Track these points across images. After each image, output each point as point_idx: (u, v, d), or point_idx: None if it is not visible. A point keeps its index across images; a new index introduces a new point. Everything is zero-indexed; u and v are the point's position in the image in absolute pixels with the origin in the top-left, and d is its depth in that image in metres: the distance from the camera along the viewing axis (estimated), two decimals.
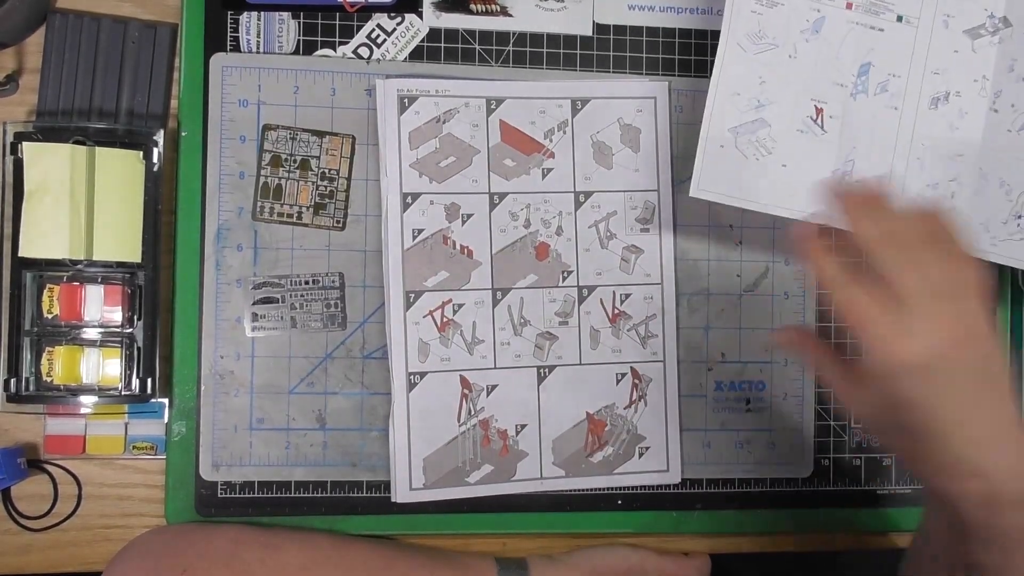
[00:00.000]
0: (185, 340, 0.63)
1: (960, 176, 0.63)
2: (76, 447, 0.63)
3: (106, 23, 0.63)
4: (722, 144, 0.60)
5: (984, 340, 0.43)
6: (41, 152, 0.59)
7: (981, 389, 0.42)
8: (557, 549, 0.67)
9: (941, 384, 0.42)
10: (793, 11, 0.60)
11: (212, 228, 0.63)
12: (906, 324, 0.42)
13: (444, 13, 0.66)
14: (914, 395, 0.43)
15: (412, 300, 0.64)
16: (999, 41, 0.62)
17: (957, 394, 0.42)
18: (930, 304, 0.42)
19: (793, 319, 0.69)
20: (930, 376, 0.42)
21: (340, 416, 0.64)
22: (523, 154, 0.65)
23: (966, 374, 0.42)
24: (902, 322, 0.42)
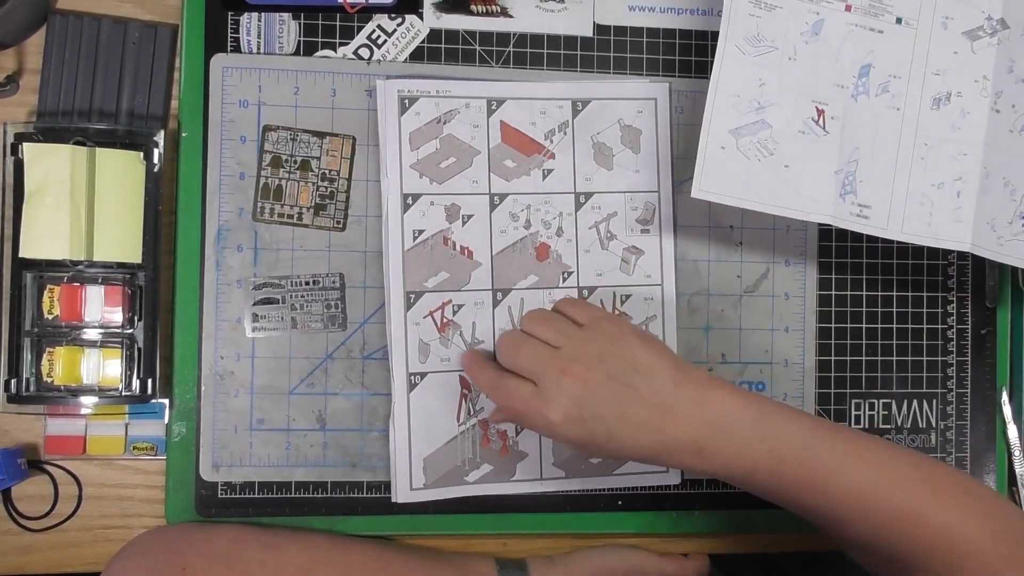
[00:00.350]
0: (185, 341, 0.63)
1: (965, 175, 0.63)
2: (76, 447, 0.63)
3: (106, 24, 0.63)
4: (723, 145, 0.60)
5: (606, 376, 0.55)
6: (41, 153, 0.59)
7: (627, 406, 0.55)
8: (557, 550, 0.67)
9: (592, 422, 0.55)
10: (791, 14, 0.60)
11: (212, 229, 0.63)
12: (547, 399, 0.55)
13: (444, 14, 0.66)
14: (581, 438, 0.55)
15: (412, 301, 0.64)
16: (998, 43, 0.62)
17: (610, 421, 0.55)
18: (555, 377, 0.55)
19: (793, 319, 0.69)
20: (582, 420, 0.55)
21: (340, 416, 0.64)
22: (523, 155, 0.65)
23: (607, 406, 0.55)
24: (546, 398, 0.55)
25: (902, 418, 0.70)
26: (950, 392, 0.71)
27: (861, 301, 0.70)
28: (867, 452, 0.55)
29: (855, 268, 0.70)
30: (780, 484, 0.55)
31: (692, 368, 0.57)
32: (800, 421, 0.56)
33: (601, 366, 0.56)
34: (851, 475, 0.54)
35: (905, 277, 0.71)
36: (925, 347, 0.71)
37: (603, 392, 0.55)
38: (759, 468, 0.54)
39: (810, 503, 0.55)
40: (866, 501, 0.54)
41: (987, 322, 0.71)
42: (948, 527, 0.53)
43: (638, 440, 0.55)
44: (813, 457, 0.54)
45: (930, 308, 0.71)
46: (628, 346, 0.57)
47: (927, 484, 0.55)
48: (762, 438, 0.54)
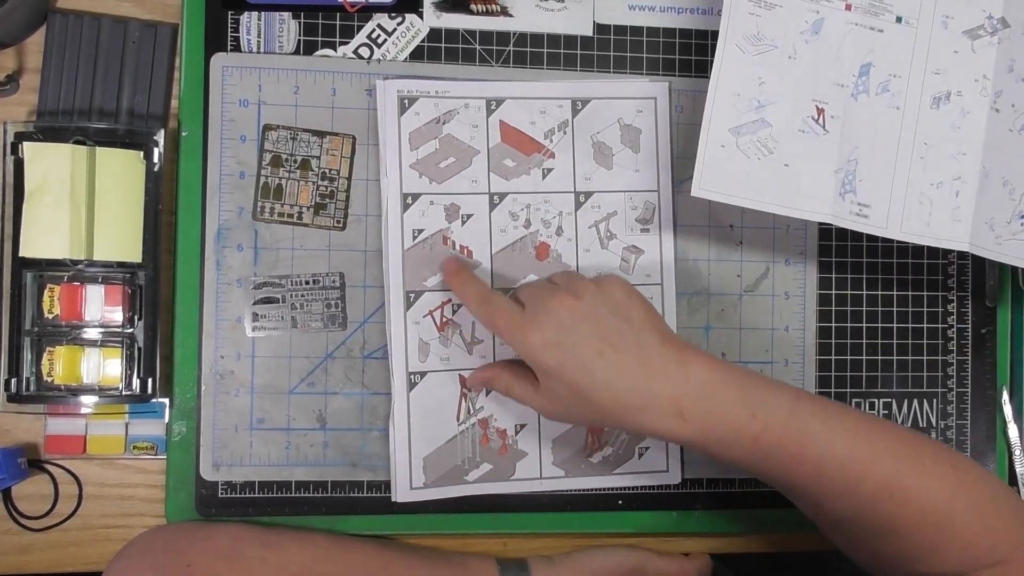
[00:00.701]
0: (185, 340, 0.63)
1: (964, 175, 0.63)
2: (77, 447, 0.63)
3: (106, 23, 0.63)
4: (723, 144, 0.60)
5: (595, 312, 0.55)
6: (41, 152, 0.59)
7: (609, 344, 0.54)
8: (557, 549, 0.67)
9: (569, 349, 0.54)
10: (791, 13, 0.60)
11: (212, 228, 0.63)
12: (532, 318, 0.55)
13: (444, 13, 0.66)
14: (553, 366, 0.54)
15: (412, 300, 0.64)
16: (998, 42, 0.62)
17: (587, 354, 0.54)
18: (546, 302, 0.56)
19: (793, 319, 0.69)
20: (560, 346, 0.54)
21: (340, 416, 0.64)
22: (523, 154, 0.65)
23: (588, 338, 0.54)
24: (530, 318, 0.56)
25: (902, 417, 0.70)
26: (950, 391, 0.71)
27: (861, 300, 0.70)
28: (852, 422, 0.55)
29: (855, 267, 0.70)
30: (763, 452, 0.54)
31: (675, 335, 0.57)
32: (784, 390, 0.55)
33: (592, 302, 0.55)
34: (836, 444, 0.53)
35: (905, 277, 0.71)
36: (925, 346, 0.71)
37: (588, 324, 0.54)
38: (742, 435, 0.53)
39: (793, 473, 0.54)
40: (850, 471, 0.53)
41: (987, 321, 0.71)
42: (932, 502, 0.53)
43: (612, 384, 0.54)
44: (798, 425, 0.53)
45: (930, 307, 0.71)
46: (626, 298, 0.56)
47: (912, 457, 0.54)
48: (746, 403, 0.53)
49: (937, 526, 0.53)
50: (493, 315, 0.58)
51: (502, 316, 0.57)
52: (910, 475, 0.53)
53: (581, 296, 0.55)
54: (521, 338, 0.56)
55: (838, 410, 0.55)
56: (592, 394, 0.54)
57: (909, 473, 0.53)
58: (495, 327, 0.58)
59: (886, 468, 0.53)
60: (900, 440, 0.55)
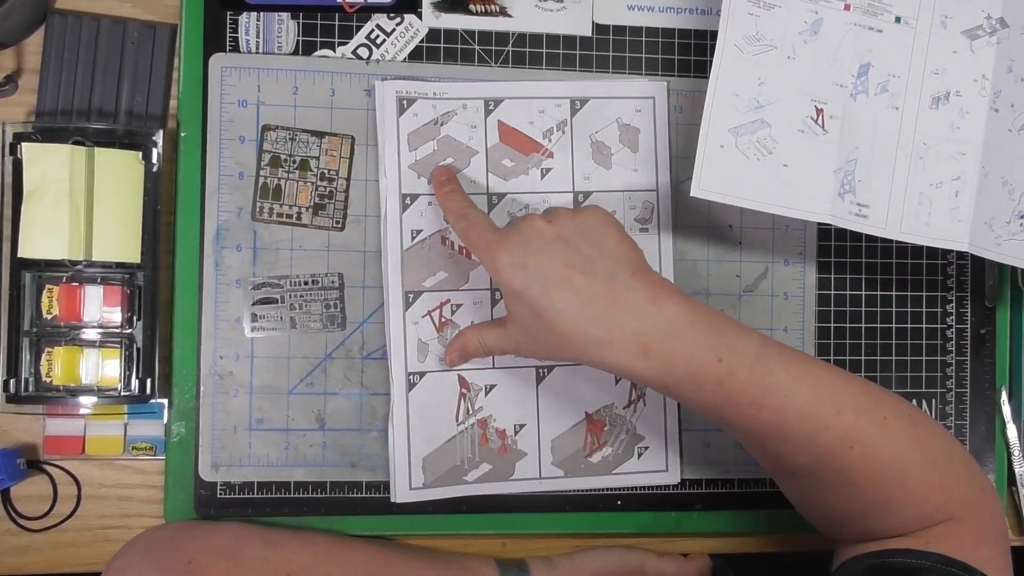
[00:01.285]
0: (184, 340, 0.63)
1: (963, 175, 0.62)
2: (75, 448, 0.63)
3: (105, 23, 0.63)
4: (722, 144, 0.60)
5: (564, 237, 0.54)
6: (40, 152, 0.59)
7: (575, 269, 0.53)
8: (557, 550, 0.67)
9: (533, 270, 0.53)
10: (790, 13, 0.60)
11: (211, 228, 0.63)
12: (503, 237, 0.55)
13: (443, 14, 0.66)
14: (517, 286, 0.54)
15: (411, 300, 0.64)
16: (997, 42, 0.62)
17: (551, 276, 0.53)
18: (518, 224, 0.55)
19: (793, 319, 0.69)
20: (524, 267, 0.54)
21: (340, 416, 0.64)
22: (522, 154, 0.65)
23: (554, 260, 0.53)
24: (502, 237, 0.55)
25: None
26: (949, 392, 0.71)
27: (860, 301, 0.70)
28: (817, 372, 0.54)
29: (854, 268, 0.70)
30: (726, 397, 0.53)
31: (649, 269, 0.55)
32: (751, 336, 0.54)
33: (564, 226, 0.54)
34: (800, 394, 0.53)
35: (905, 277, 0.71)
36: (925, 347, 0.71)
37: (555, 247, 0.54)
38: (706, 377, 0.52)
39: (755, 420, 0.53)
40: (812, 421, 0.53)
41: (987, 322, 0.71)
42: (890, 456, 0.53)
43: (575, 312, 0.52)
44: (764, 372, 0.53)
45: (930, 308, 0.71)
46: (603, 227, 0.55)
47: (874, 411, 0.54)
48: (712, 347, 0.52)
49: (893, 480, 0.53)
50: (469, 231, 0.58)
51: (477, 233, 0.57)
52: (871, 428, 0.53)
53: (553, 220, 0.55)
54: (491, 257, 0.55)
55: (803, 360, 0.55)
56: (554, 320, 0.53)
57: (870, 426, 0.53)
58: (469, 243, 0.58)
59: (847, 420, 0.53)
60: (862, 393, 0.55)
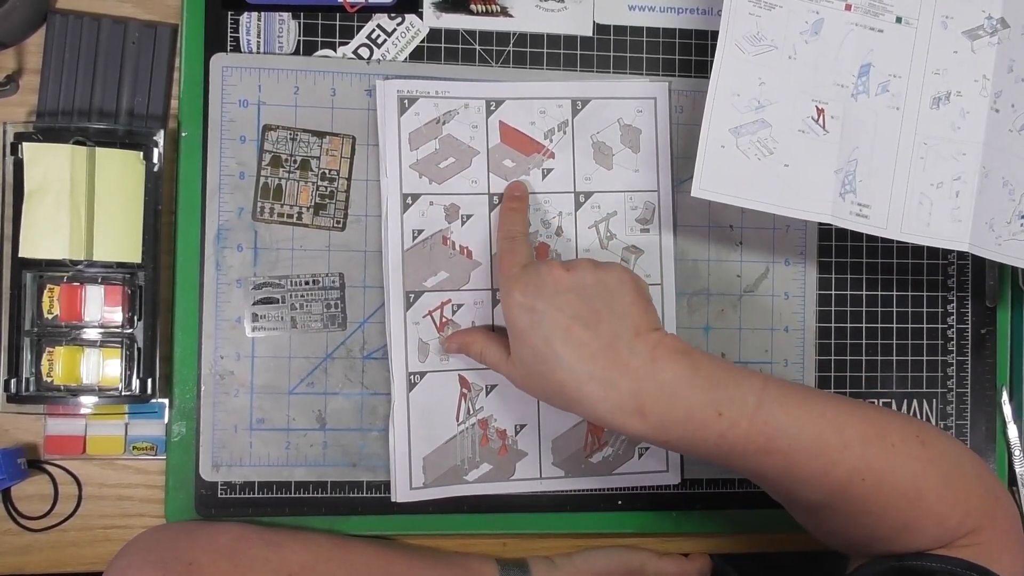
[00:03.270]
0: (185, 340, 0.63)
1: (964, 175, 0.62)
2: (76, 447, 0.63)
3: (106, 23, 0.63)
4: (723, 144, 0.60)
5: (578, 289, 0.55)
6: (41, 152, 0.59)
7: (580, 322, 0.53)
8: (557, 550, 0.67)
9: (539, 315, 0.54)
10: (791, 13, 0.60)
11: (212, 228, 0.63)
12: (521, 275, 0.56)
13: (444, 13, 0.66)
14: (522, 326, 0.55)
15: (412, 300, 0.64)
16: (998, 42, 0.62)
17: (555, 326, 0.54)
18: (538, 266, 0.56)
19: (793, 319, 0.69)
20: (532, 310, 0.54)
21: (340, 416, 0.64)
22: (523, 155, 0.65)
23: (561, 310, 0.54)
24: (521, 274, 0.57)
25: None
26: (950, 392, 0.71)
27: (861, 301, 0.70)
28: (819, 409, 0.54)
29: (855, 268, 0.70)
30: (729, 447, 0.53)
31: (658, 329, 0.55)
32: (751, 381, 0.54)
33: (580, 279, 0.55)
34: (805, 434, 0.53)
35: (905, 277, 0.71)
36: (925, 347, 0.71)
37: (566, 296, 0.54)
38: (707, 432, 0.52)
39: (762, 464, 0.54)
40: (819, 460, 0.53)
41: (987, 322, 0.71)
42: (903, 481, 0.53)
43: (572, 364, 0.53)
44: (766, 418, 0.53)
45: (930, 308, 0.71)
46: (620, 286, 0.55)
47: (881, 439, 0.54)
48: (713, 402, 0.52)
49: (909, 504, 0.53)
50: (504, 255, 0.60)
51: (505, 262, 0.59)
52: (879, 457, 0.53)
53: (572, 270, 0.55)
54: (506, 291, 0.56)
55: (806, 397, 0.54)
56: (553, 368, 0.53)
57: (878, 455, 0.53)
58: (499, 265, 0.60)
59: (855, 453, 0.53)
60: (868, 422, 0.54)
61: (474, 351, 0.61)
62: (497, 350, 0.59)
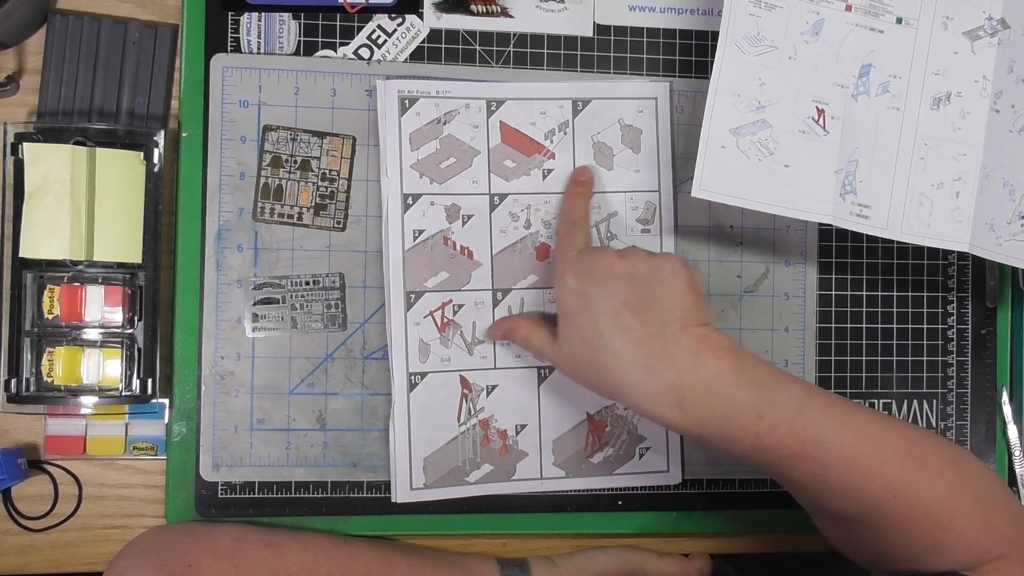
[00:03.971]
0: (185, 340, 0.63)
1: (964, 175, 0.63)
2: (76, 447, 0.63)
3: (106, 24, 0.63)
4: (723, 145, 0.60)
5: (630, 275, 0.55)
6: (42, 153, 0.59)
7: (628, 309, 0.54)
8: (557, 550, 0.67)
9: (588, 298, 0.55)
10: (792, 14, 0.60)
11: (212, 229, 0.63)
12: (576, 259, 0.58)
13: (445, 14, 0.66)
14: (572, 308, 0.56)
15: (412, 301, 0.64)
16: (998, 43, 0.62)
17: (603, 309, 0.54)
18: (593, 252, 0.58)
19: (793, 319, 0.69)
20: (583, 293, 0.55)
21: (340, 416, 0.64)
22: (523, 155, 0.65)
23: (611, 295, 0.54)
24: (576, 258, 0.58)
25: (902, 418, 0.70)
26: (950, 392, 0.71)
27: (861, 301, 0.70)
28: (860, 422, 0.54)
29: (855, 268, 0.70)
30: (765, 450, 0.53)
31: (706, 324, 0.55)
32: (793, 387, 0.54)
33: (632, 266, 0.55)
34: (844, 445, 0.53)
35: (905, 277, 0.71)
36: (925, 347, 0.71)
37: (618, 283, 0.55)
38: (744, 432, 0.53)
39: (798, 471, 0.54)
40: (856, 473, 0.53)
41: (987, 322, 0.71)
42: (936, 503, 0.53)
43: (618, 350, 0.53)
44: (805, 425, 0.53)
45: (930, 308, 0.71)
46: (672, 277, 0.55)
47: (918, 458, 0.54)
48: (754, 404, 0.52)
49: (940, 526, 0.53)
50: (563, 237, 0.61)
51: (563, 246, 0.60)
52: (915, 475, 0.53)
53: (625, 258, 0.56)
54: (560, 272, 0.57)
55: (847, 409, 0.55)
56: (598, 352, 0.54)
57: (914, 473, 0.53)
58: (558, 247, 0.61)
59: (892, 469, 0.53)
60: (907, 440, 0.54)
61: (519, 336, 0.61)
62: (543, 334, 0.60)
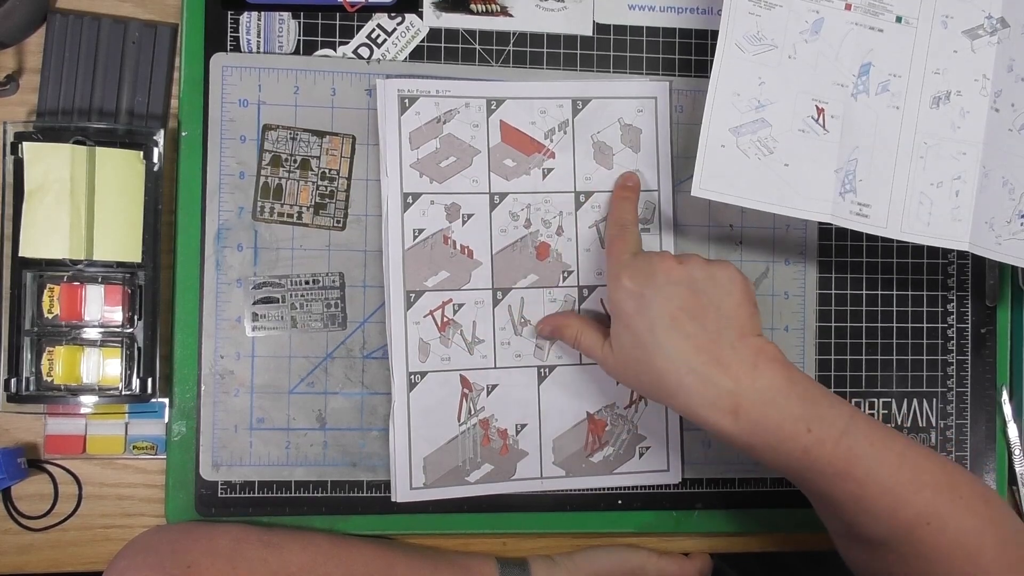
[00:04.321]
0: (185, 340, 0.63)
1: (964, 174, 0.63)
2: (76, 447, 0.63)
3: (106, 23, 0.63)
4: (723, 144, 0.60)
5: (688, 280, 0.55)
6: (41, 152, 0.59)
7: (686, 315, 0.54)
8: (557, 549, 0.67)
9: (645, 300, 0.55)
10: (791, 13, 0.60)
11: (212, 228, 0.63)
12: (632, 261, 0.58)
13: (444, 13, 0.66)
14: (629, 309, 0.56)
15: (412, 300, 0.64)
16: (998, 41, 0.62)
17: (661, 313, 0.55)
18: (651, 256, 0.57)
19: (793, 319, 0.69)
20: (640, 295, 0.55)
21: (340, 416, 0.64)
22: (523, 154, 0.65)
23: (669, 300, 0.55)
24: (632, 261, 0.58)
25: (902, 417, 0.70)
26: (950, 391, 0.71)
27: (861, 300, 0.70)
28: (900, 448, 0.55)
29: (855, 267, 0.70)
30: (811, 464, 0.54)
31: (760, 335, 0.56)
32: (841, 407, 0.55)
33: (691, 271, 0.56)
34: (884, 468, 0.54)
35: (905, 276, 0.71)
36: (925, 346, 0.71)
37: (675, 288, 0.55)
38: (794, 445, 0.54)
39: (836, 488, 0.54)
40: (892, 496, 0.54)
41: (987, 321, 0.71)
42: (965, 534, 0.54)
43: (675, 355, 0.54)
44: (850, 444, 0.54)
45: (930, 307, 0.71)
46: (729, 285, 0.56)
47: (952, 489, 0.55)
48: (804, 417, 0.54)
49: (966, 558, 0.54)
50: (615, 240, 0.60)
51: (619, 246, 0.59)
52: (948, 506, 0.54)
53: (684, 263, 0.56)
54: (615, 275, 0.57)
55: (889, 435, 0.56)
56: (653, 356, 0.54)
57: (947, 504, 0.54)
58: (609, 251, 0.60)
59: (926, 497, 0.54)
60: (943, 470, 0.55)
61: (569, 334, 0.62)
62: (593, 335, 0.60)
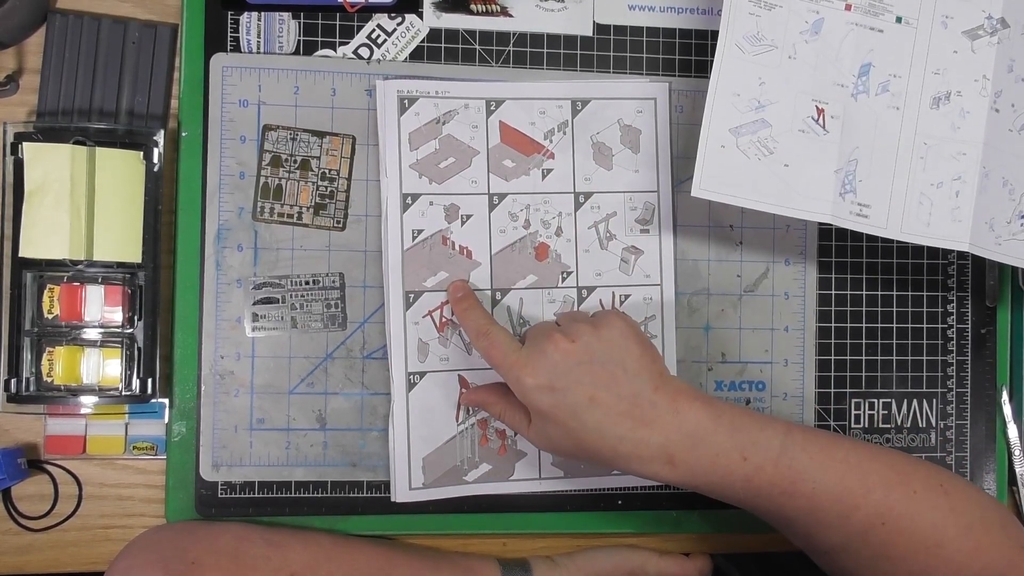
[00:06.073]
0: (185, 340, 0.63)
1: (964, 175, 0.62)
2: (76, 447, 0.63)
3: (106, 23, 0.63)
4: (723, 144, 0.60)
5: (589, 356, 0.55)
6: (41, 152, 0.59)
7: (602, 390, 0.54)
8: (557, 550, 0.67)
9: (561, 393, 0.55)
10: (791, 13, 0.60)
11: (212, 228, 0.63)
12: (527, 359, 0.56)
13: (444, 13, 0.66)
14: (546, 407, 0.55)
15: (412, 300, 0.64)
16: (998, 42, 0.62)
17: (579, 398, 0.54)
18: (541, 344, 0.56)
19: (793, 319, 0.69)
20: (552, 389, 0.55)
21: (340, 416, 0.64)
22: (523, 155, 0.65)
23: (581, 383, 0.54)
24: (526, 358, 0.56)
25: (902, 418, 0.70)
26: (950, 392, 0.71)
27: (861, 301, 0.70)
28: (843, 453, 0.55)
29: (855, 268, 0.70)
30: (756, 491, 0.55)
31: (671, 377, 0.57)
32: (774, 426, 0.56)
33: (587, 345, 0.56)
34: (828, 478, 0.54)
35: (905, 277, 0.71)
36: (925, 347, 0.71)
37: (581, 368, 0.55)
38: (734, 477, 0.54)
39: (787, 508, 0.55)
40: (842, 503, 0.54)
41: (987, 321, 0.71)
42: (923, 529, 0.54)
43: (603, 430, 0.54)
44: (788, 463, 0.54)
45: (930, 308, 0.71)
46: (624, 341, 0.56)
47: (903, 485, 0.55)
48: (736, 447, 0.54)
49: (928, 551, 0.54)
50: (490, 350, 0.58)
51: (499, 353, 0.58)
52: (901, 503, 0.54)
53: (576, 339, 0.56)
54: (515, 378, 0.56)
55: (829, 443, 0.56)
56: (582, 438, 0.55)
57: (900, 501, 0.54)
58: (492, 361, 0.58)
59: (877, 498, 0.54)
60: (891, 468, 0.56)
61: (494, 412, 0.62)
62: (518, 416, 0.60)
